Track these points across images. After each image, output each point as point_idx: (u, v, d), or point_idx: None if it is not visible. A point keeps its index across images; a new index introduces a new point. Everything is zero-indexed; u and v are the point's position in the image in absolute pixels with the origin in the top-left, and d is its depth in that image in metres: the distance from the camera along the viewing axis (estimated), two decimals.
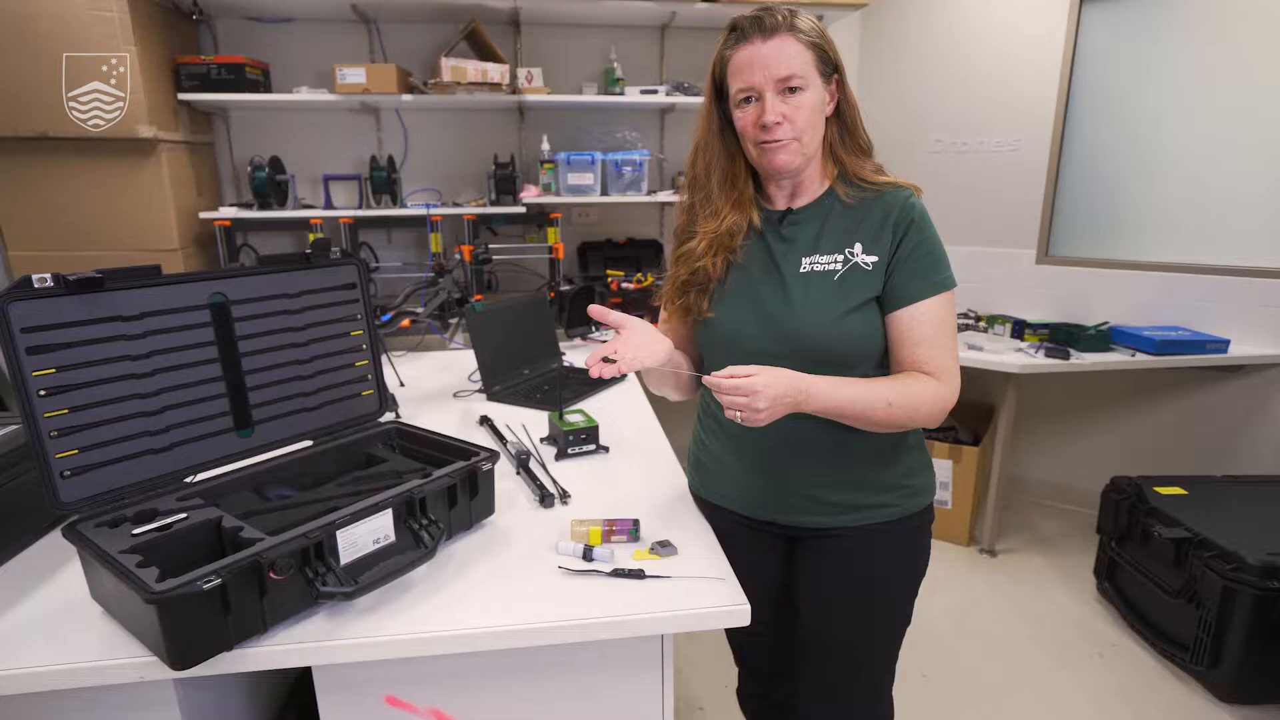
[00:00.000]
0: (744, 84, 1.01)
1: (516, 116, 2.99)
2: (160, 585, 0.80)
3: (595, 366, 1.01)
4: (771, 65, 0.98)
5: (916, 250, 1.02)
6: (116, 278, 1.00)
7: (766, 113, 0.99)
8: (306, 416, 1.24)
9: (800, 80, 0.99)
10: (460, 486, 1.13)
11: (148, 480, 1.03)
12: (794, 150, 1.02)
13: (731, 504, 1.19)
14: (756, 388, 0.92)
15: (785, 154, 1.02)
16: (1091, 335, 2.58)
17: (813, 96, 1.01)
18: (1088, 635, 2.25)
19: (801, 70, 0.99)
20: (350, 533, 0.98)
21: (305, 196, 2.85)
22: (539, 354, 2.09)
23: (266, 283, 1.17)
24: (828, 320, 1.02)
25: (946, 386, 1.01)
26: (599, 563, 1.08)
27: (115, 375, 1.00)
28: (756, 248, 1.11)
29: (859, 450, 1.08)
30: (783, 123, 1.00)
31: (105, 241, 2.40)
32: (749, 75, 1.00)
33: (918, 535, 1.14)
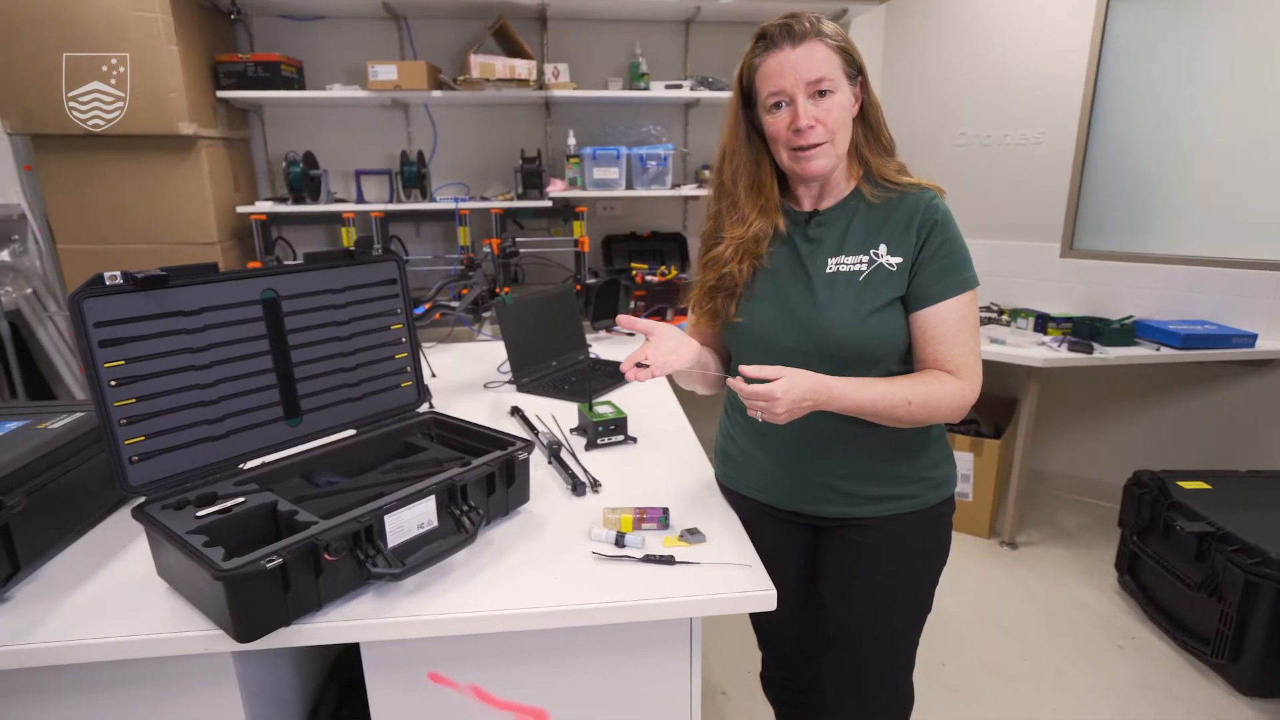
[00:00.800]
0: (775, 89, 1.04)
1: (543, 111, 3.03)
2: (227, 564, 0.86)
3: (630, 371, 1.07)
4: (803, 70, 1.02)
5: (940, 251, 1.05)
6: (179, 275, 1.06)
7: (800, 117, 1.02)
8: (350, 406, 1.30)
9: (830, 83, 1.03)
10: (498, 475, 1.18)
11: (207, 466, 1.09)
12: (828, 155, 1.05)
13: (757, 494, 1.23)
14: (775, 394, 0.96)
15: (821, 160, 1.06)
16: (1116, 329, 2.57)
17: (842, 99, 1.04)
18: (1108, 628, 2.26)
19: (831, 74, 1.02)
20: (397, 517, 1.03)
21: (337, 191, 2.92)
22: (566, 346, 2.14)
23: (314, 279, 1.23)
24: (852, 319, 1.06)
25: (968, 384, 1.04)
26: (630, 549, 1.12)
27: (177, 367, 1.06)
28: (783, 251, 1.14)
29: (882, 443, 1.12)
30: (816, 125, 1.03)
31: (148, 235, 2.49)
32: (779, 80, 1.03)
33: (939, 526, 1.18)
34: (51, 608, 0.97)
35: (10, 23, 2.20)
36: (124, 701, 0.97)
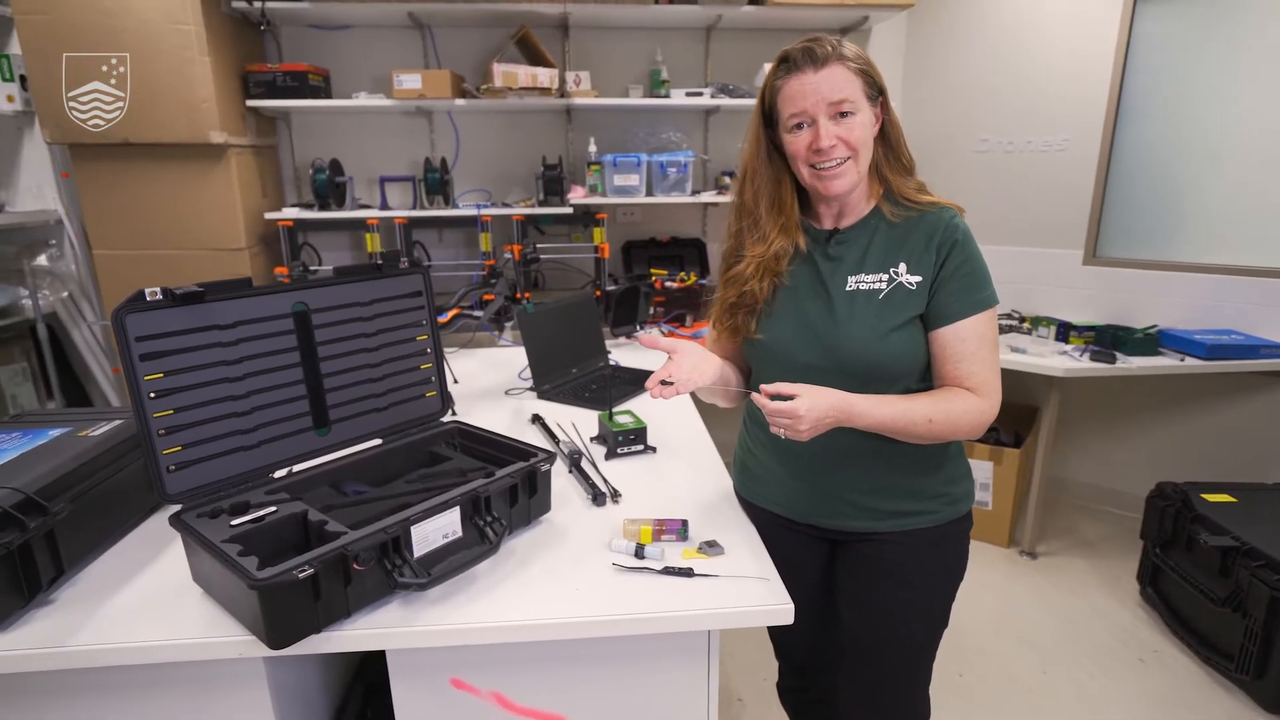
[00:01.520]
0: (797, 110, 1.05)
1: (564, 118, 3.05)
2: (262, 573, 0.89)
3: (655, 389, 1.10)
4: (825, 92, 1.03)
5: (960, 270, 1.05)
6: (215, 290, 1.10)
7: (821, 137, 1.04)
8: (377, 416, 1.33)
9: (852, 104, 1.04)
10: (521, 486, 1.20)
11: (240, 475, 1.13)
12: (850, 173, 1.07)
13: (775, 507, 1.25)
14: (799, 411, 0.98)
15: (843, 179, 1.07)
16: (1139, 339, 2.55)
17: (863, 119, 1.06)
18: (1129, 640, 2.24)
19: (852, 95, 1.04)
20: (423, 528, 1.06)
21: (362, 197, 2.97)
22: (587, 353, 2.16)
23: (342, 292, 1.26)
24: (872, 337, 1.07)
25: (987, 402, 1.05)
26: (650, 560, 1.13)
27: (213, 379, 1.09)
28: (804, 269, 1.16)
29: (901, 459, 1.13)
30: (837, 144, 1.04)
31: (179, 241, 2.55)
32: (801, 102, 1.05)
33: (957, 541, 1.18)
34: (93, 610, 1.01)
35: (55, 34, 2.26)
36: (159, 703, 1.00)
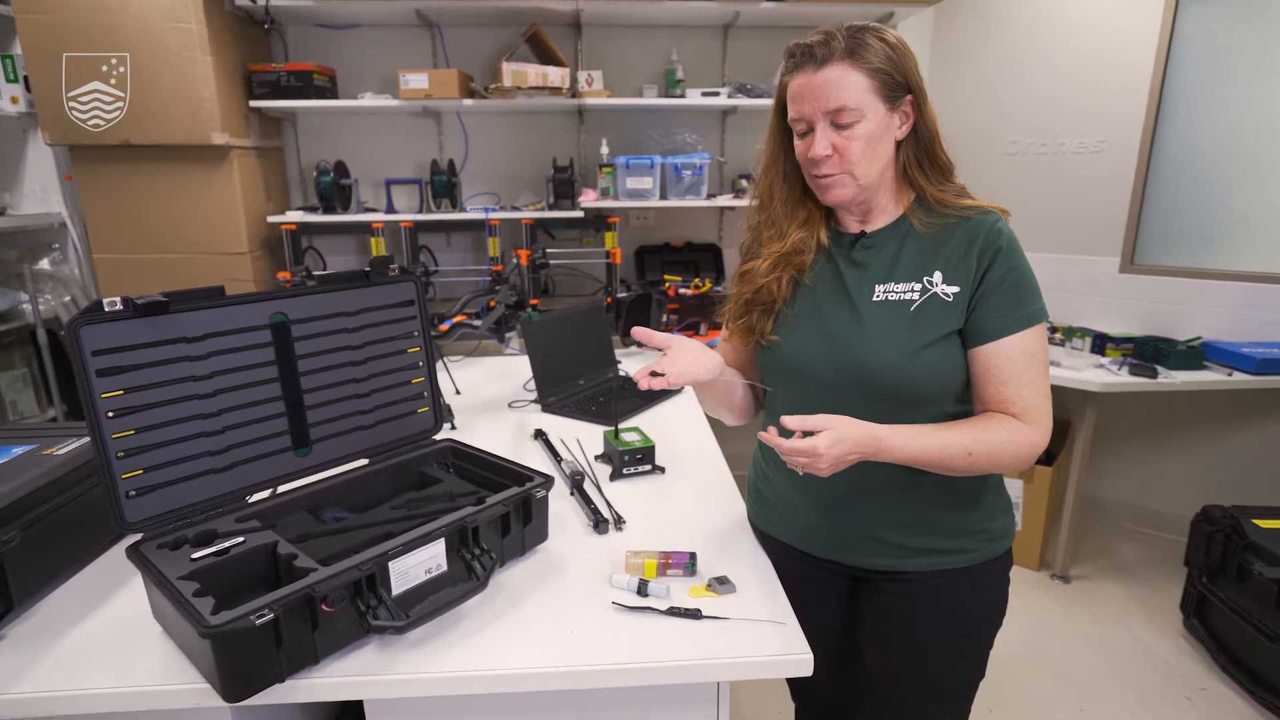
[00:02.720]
0: (796, 113, 0.97)
1: (576, 119, 2.96)
2: (215, 619, 0.79)
3: (643, 380, 0.98)
4: (820, 97, 0.93)
5: (1005, 280, 0.94)
6: (181, 300, 1.01)
7: (815, 146, 0.95)
8: (363, 435, 1.23)
9: (852, 113, 0.93)
10: (514, 514, 1.10)
11: (209, 500, 1.04)
12: (847, 185, 0.97)
13: (793, 540, 1.14)
14: (819, 450, 0.87)
15: (839, 190, 0.98)
16: (1182, 351, 2.40)
17: (868, 127, 0.94)
18: (1174, 676, 2.09)
19: (855, 101, 0.93)
20: (403, 563, 0.96)
21: (368, 200, 2.90)
22: (595, 364, 2.07)
23: (326, 301, 1.17)
24: (901, 354, 0.96)
25: (1036, 430, 0.93)
26: (654, 598, 1.04)
27: (179, 396, 1.01)
28: (827, 271, 1.05)
29: (934, 493, 1.01)
30: (831, 155, 0.95)
31: (180, 244, 2.49)
32: (800, 105, 0.96)
33: (994, 583, 1.06)
34: (44, 650, 0.93)
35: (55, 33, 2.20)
36: None
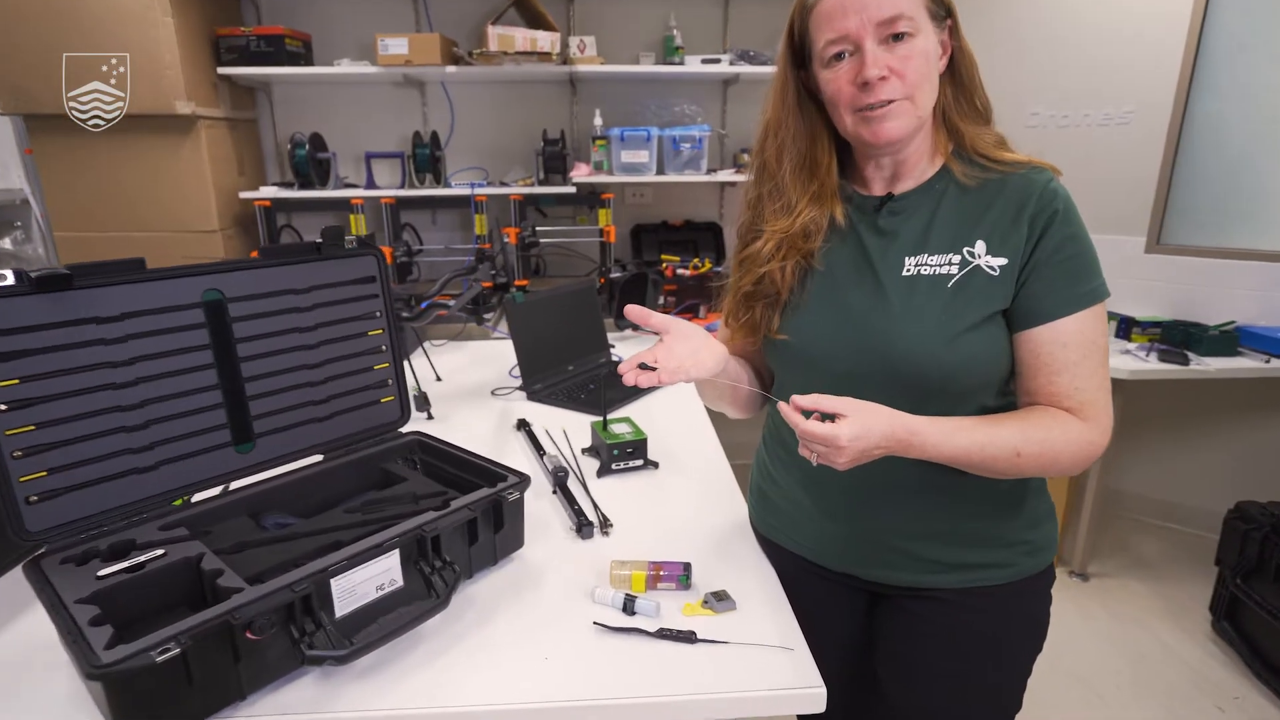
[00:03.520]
0: (836, 34, 0.80)
1: (568, 89, 2.80)
2: (108, 654, 0.66)
3: (630, 373, 0.82)
4: (872, 7, 0.77)
5: (1061, 251, 0.79)
6: (90, 274, 0.87)
7: (868, 66, 0.78)
8: (316, 428, 1.10)
9: (909, 23, 0.78)
10: (482, 519, 0.97)
11: (130, 505, 0.90)
12: (906, 114, 0.81)
13: (802, 550, 1.00)
14: (841, 441, 0.73)
15: (895, 121, 0.81)
16: (1215, 337, 2.25)
17: (925, 44, 0.79)
18: (1203, 683, 1.96)
19: (910, 10, 0.78)
20: (348, 580, 0.83)
21: (349, 175, 2.74)
22: (585, 348, 1.92)
23: (269, 277, 1.03)
24: (938, 339, 0.81)
25: (1095, 429, 0.79)
26: (642, 617, 0.91)
27: (91, 385, 0.87)
28: (844, 249, 0.90)
29: (968, 497, 0.87)
30: (889, 78, 0.78)
31: (146, 222, 2.35)
32: (842, 22, 0.79)
33: (1035, 602, 0.92)
34: None
35: None
36: None
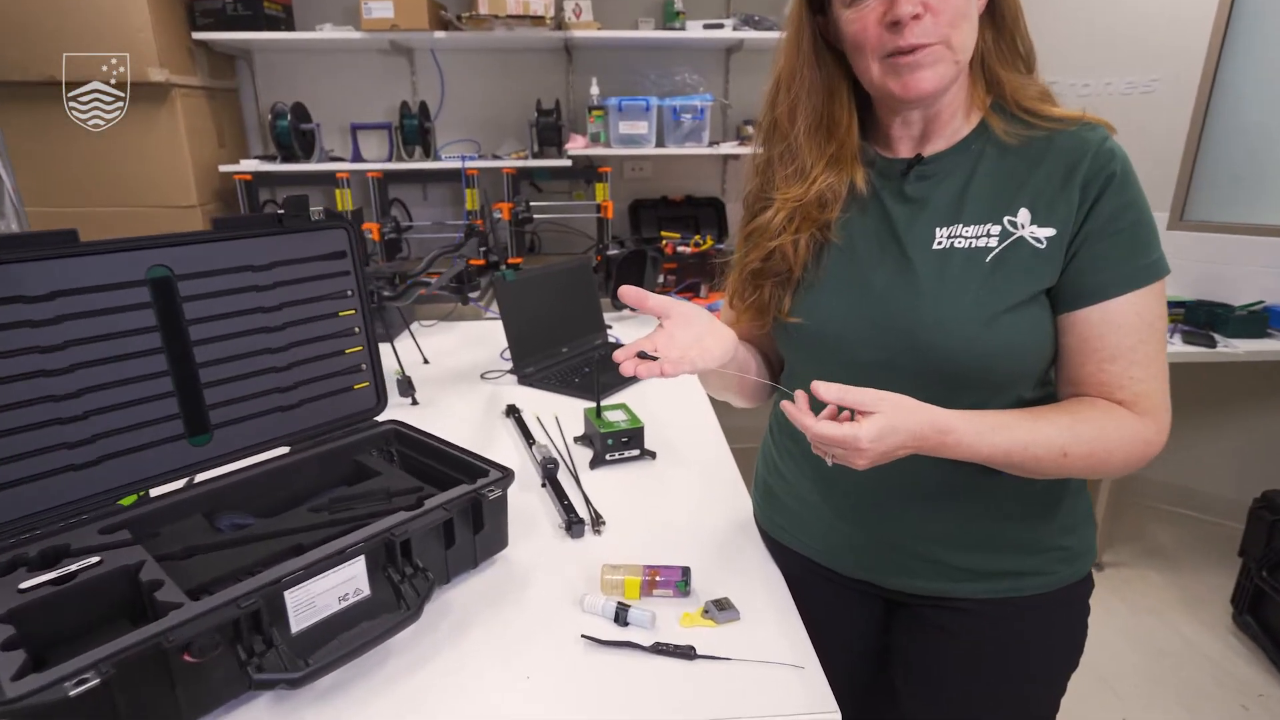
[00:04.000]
0: None
1: (563, 57, 2.67)
2: (13, 687, 0.57)
3: (628, 363, 0.71)
4: None
5: (1117, 220, 0.69)
6: (13, 246, 0.77)
7: (899, 2, 0.67)
8: (281, 417, 1.01)
9: None
10: (460, 520, 0.88)
11: (67, 505, 0.81)
12: (942, 61, 0.70)
13: (812, 553, 0.90)
14: (860, 443, 0.63)
15: (930, 70, 0.70)
16: (1242, 317, 2.14)
17: None
18: (1226, 680, 1.88)
19: None
20: (306, 590, 0.74)
21: (334, 148, 2.62)
22: (580, 329, 1.83)
23: (225, 252, 0.93)
24: (974, 321, 0.71)
25: (1151, 425, 0.69)
26: (635, 628, 0.83)
27: (17, 373, 0.78)
28: (866, 219, 0.79)
29: (999, 498, 0.78)
30: (923, 16, 0.67)
31: (120, 197, 2.24)
32: None
33: (1072, 614, 0.84)
34: None
35: None
36: None
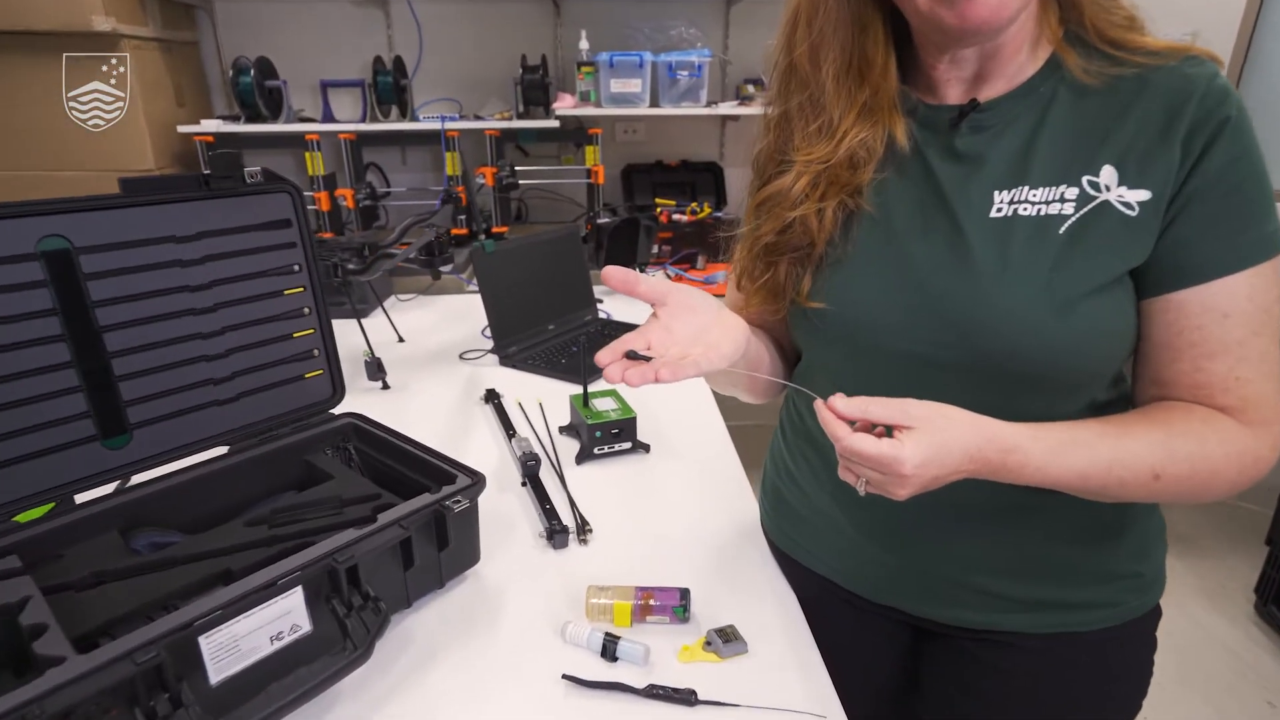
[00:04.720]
0: None
1: (550, 8, 2.48)
2: None
3: (614, 367, 0.56)
4: None
5: (1227, 178, 0.54)
6: None
7: None
8: (217, 413, 0.87)
9: None
10: (420, 536, 0.75)
11: None
12: None
13: (830, 573, 0.78)
14: (904, 468, 0.50)
15: None
16: None
17: None
18: (1250, 675, 1.80)
19: None
20: (228, 632, 0.61)
21: (304, 108, 2.44)
22: (568, 305, 1.69)
23: (138, 220, 0.79)
24: (1044, 307, 0.57)
25: (1264, 438, 0.56)
26: (626, 664, 0.71)
27: None
28: (905, 179, 0.64)
29: (1060, 519, 0.65)
30: None
31: (66, 160, 2.06)
32: None
33: (1138, 650, 0.71)
34: None
35: None
36: None
